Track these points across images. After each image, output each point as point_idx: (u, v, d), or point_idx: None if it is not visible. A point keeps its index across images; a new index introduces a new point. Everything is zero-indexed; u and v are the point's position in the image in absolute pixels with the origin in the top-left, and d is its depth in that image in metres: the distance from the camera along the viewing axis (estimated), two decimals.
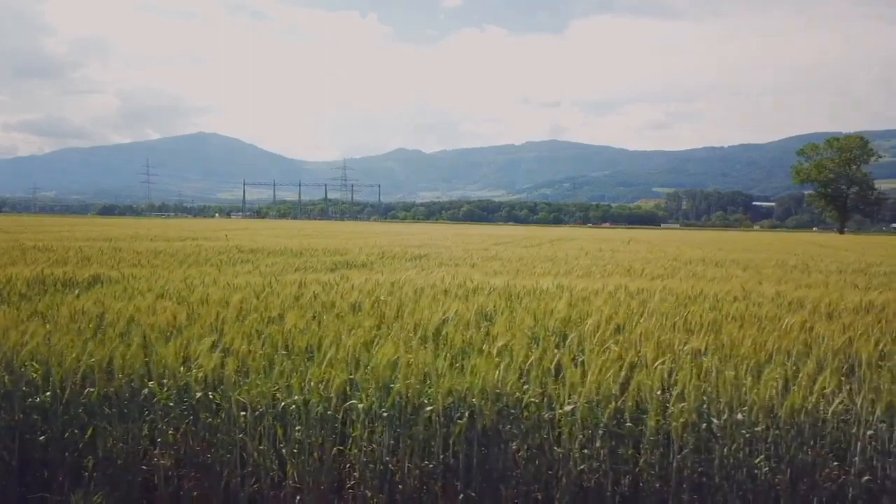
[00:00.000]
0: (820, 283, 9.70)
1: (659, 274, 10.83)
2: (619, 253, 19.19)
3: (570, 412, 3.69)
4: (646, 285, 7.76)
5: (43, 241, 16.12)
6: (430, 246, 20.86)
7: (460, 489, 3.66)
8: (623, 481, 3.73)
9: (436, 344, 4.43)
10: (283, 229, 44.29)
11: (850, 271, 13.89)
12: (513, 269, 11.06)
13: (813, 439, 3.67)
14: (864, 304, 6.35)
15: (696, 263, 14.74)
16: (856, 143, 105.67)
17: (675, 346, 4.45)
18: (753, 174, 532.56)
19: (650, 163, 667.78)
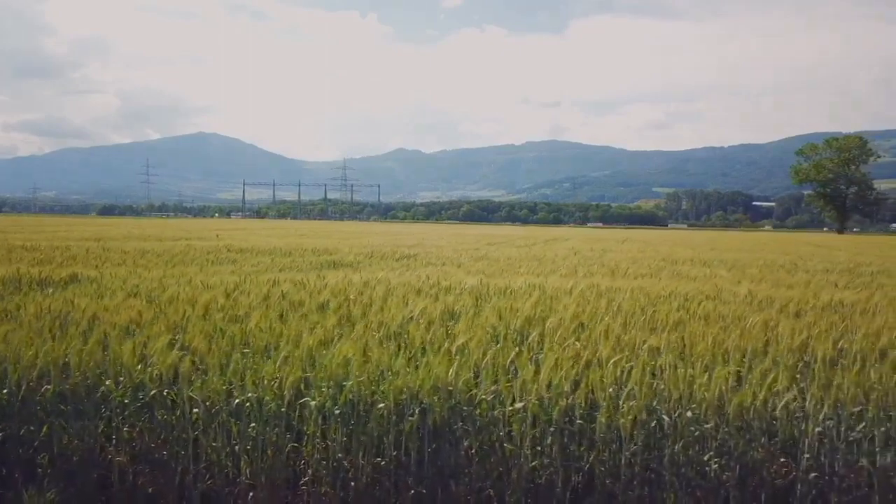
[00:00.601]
0: (801, 282, 9.73)
1: (641, 273, 10.87)
2: (609, 253, 19.23)
3: (522, 409, 3.72)
4: (622, 284, 7.79)
5: (33, 241, 16.16)
6: (423, 246, 20.89)
7: (411, 485, 3.70)
8: (574, 478, 3.76)
9: (396, 342, 4.47)
10: (280, 229, 44.32)
11: (837, 271, 13.92)
12: (497, 269, 11.09)
13: (762, 436, 3.70)
14: (834, 302, 6.38)
15: (684, 263, 14.78)
16: (855, 143, 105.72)
17: (635, 344, 4.48)
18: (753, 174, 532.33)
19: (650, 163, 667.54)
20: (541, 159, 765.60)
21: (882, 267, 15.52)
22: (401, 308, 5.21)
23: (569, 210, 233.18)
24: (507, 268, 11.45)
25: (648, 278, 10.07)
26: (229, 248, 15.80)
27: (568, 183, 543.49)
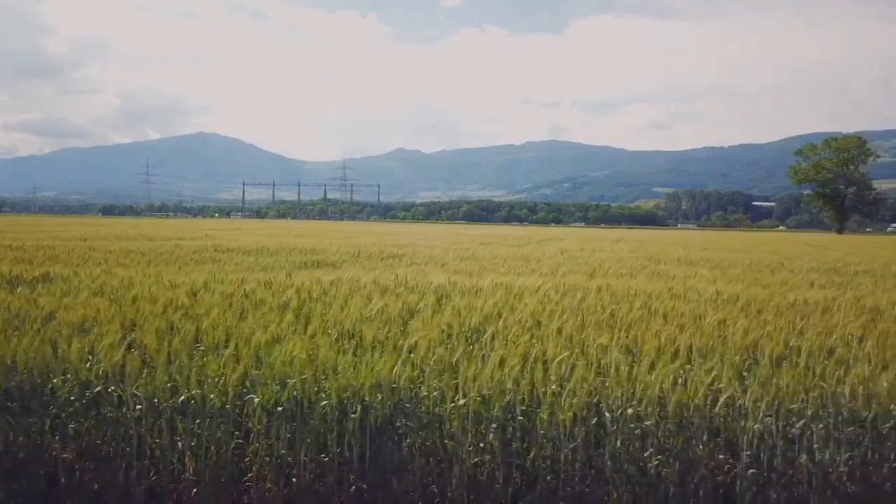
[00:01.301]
0: (778, 281, 9.76)
1: (620, 273, 10.91)
2: (598, 252, 19.26)
3: (464, 406, 3.75)
4: (595, 283, 7.82)
5: (21, 241, 16.19)
6: (413, 246, 20.93)
7: (353, 482, 3.73)
8: (515, 474, 3.79)
9: (348, 341, 4.50)
10: (276, 229, 44.36)
11: (822, 270, 13.96)
12: (477, 268, 11.12)
13: (702, 434, 3.73)
14: (800, 301, 6.41)
15: (668, 263, 14.83)
16: (854, 143, 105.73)
17: (585, 342, 4.51)
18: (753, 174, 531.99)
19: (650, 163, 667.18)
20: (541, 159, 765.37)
21: (868, 267, 15.55)
22: (361, 306, 5.24)
23: (569, 210, 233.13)
24: (488, 267, 11.49)
25: (626, 277, 10.10)
26: (217, 247, 15.84)
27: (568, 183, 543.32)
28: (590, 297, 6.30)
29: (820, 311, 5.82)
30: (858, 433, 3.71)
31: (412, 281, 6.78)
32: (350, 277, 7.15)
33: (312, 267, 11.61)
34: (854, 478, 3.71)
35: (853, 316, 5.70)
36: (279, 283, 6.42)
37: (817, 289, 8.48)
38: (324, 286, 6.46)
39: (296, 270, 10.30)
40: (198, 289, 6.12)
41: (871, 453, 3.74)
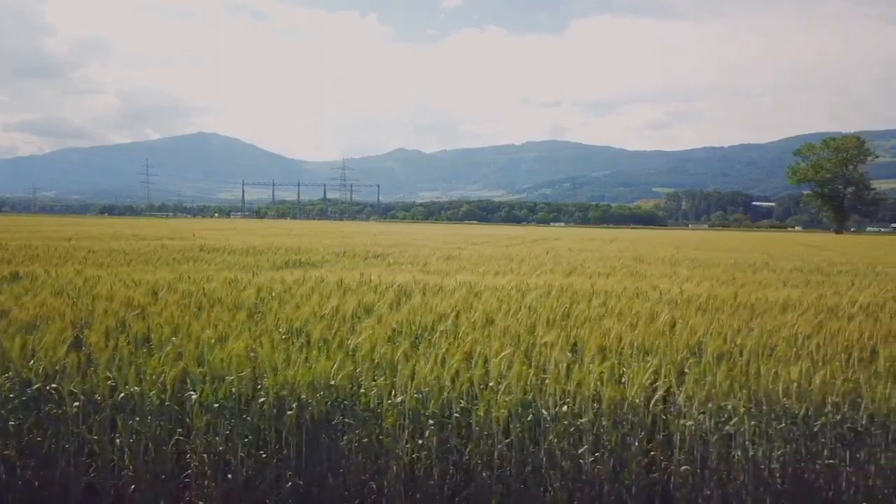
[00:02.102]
0: (752, 281, 9.78)
1: (598, 272, 10.93)
2: (585, 252, 19.29)
3: (401, 403, 3.79)
4: (566, 282, 7.85)
5: (6, 241, 16.23)
6: (401, 246, 20.95)
7: (289, 478, 3.76)
8: (451, 471, 3.82)
9: (297, 338, 4.54)
10: (271, 229, 44.40)
11: (805, 270, 13.98)
12: (455, 268, 11.16)
13: (637, 431, 3.76)
14: (761, 300, 6.43)
15: (653, 263, 14.85)
16: (852, 143, 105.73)
17: (531, 340, 4.54)
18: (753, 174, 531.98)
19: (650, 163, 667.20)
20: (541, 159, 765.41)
21: (853, 267, 15.56)
22: (316, 305, 5.27)
23: (568, 210, 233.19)
24: (466, 267, 11.52)
25: (602, 277, 10.12)
26: (203, 247, 15.87)
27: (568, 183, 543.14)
28: (552, 295, 6.33)
29: (778, 310, 5.85)
30: (790, 430, 3.74)
31: (377, 280, 6.81)
32: (317, 276, 7.18)
33: (292, 266, 11.63)
34: (786, 474, 3.74)
35: (811, 315, 5.73)
36: (243, 281, 6.45)
37: (788, 288, 8.51)
38: (287, 285, 6.49)
39: (274, 270, 10.34)
40: (161, 287, 6.15)
41: (804, 450, 3.77)
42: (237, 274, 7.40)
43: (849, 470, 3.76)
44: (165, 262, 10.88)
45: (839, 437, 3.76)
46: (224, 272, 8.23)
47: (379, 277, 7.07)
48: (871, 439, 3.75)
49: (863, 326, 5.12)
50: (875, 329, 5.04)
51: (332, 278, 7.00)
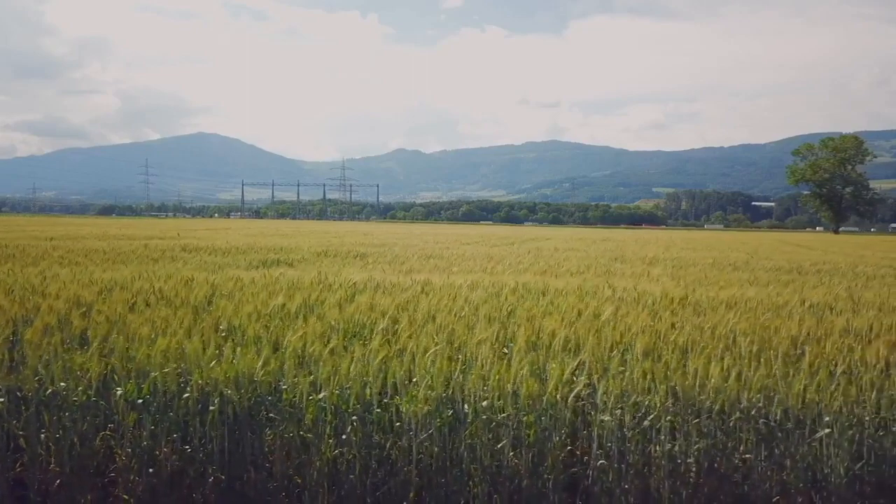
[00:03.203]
0: (721, 280, 9.83)
1: (572, 271, 10.99)
2: (571, 252, 19.34)
3: (323, 399, 3.84)
4: (525, 280, 7.90)
5: None
6: (388, 246, 21.00)
7: (210, 473, 3.81)
8: (373, 465, 3.87)
9: (234, 335, 4.59)
10: (265, 229, 44.44)
11: (783, 269, 14.04)
12: (429, 267, 11.23)
13: (556, 425, 3.81)
14: (711, 298, 6.49)
15: (634, 262, 14.90)
16: (851, 143, 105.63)
17: (466, 337, 4.59)
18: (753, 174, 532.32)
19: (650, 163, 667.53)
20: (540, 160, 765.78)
21: (834, 267, 15.59)
22: (261, 303, 5.33)
23: (568, 210, 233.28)
24: (441, 266, 11.58)
25: (573, 275, 10.17)
26: (185, 247, 15.93)
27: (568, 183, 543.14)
28: (503, 294, 6.38)
29: (724, 308, 5.90)
30: (706, 425, 3.80)
31: (334, 279, 6.87)
32: (277, 275, 7.23)
33: (268, 265, 11.68)
34: (703, 468, 3.79)
35: (755, 313, 5.79)
36: (199, 280, 6.50)
37: (750, 286, 8.56)
38: (243, 283, 6.55)
39: (246, 269, 10.39)
40: (115, 286, 6.20)
41: (720, 444, 3.82)
42: (198, 273, 7.45)
43: (764, 464, 3.81)
44: (139, 262, 10.94)
45: (754, 431, 3.82)
46: (191, 271, 8.28)
47: (336, 276, 7.12)
48: (785, 434, 3.80)
49: (802, 324, 5.18)
50: (813, 327, 5.09)
51: (289, 276, 7.06)
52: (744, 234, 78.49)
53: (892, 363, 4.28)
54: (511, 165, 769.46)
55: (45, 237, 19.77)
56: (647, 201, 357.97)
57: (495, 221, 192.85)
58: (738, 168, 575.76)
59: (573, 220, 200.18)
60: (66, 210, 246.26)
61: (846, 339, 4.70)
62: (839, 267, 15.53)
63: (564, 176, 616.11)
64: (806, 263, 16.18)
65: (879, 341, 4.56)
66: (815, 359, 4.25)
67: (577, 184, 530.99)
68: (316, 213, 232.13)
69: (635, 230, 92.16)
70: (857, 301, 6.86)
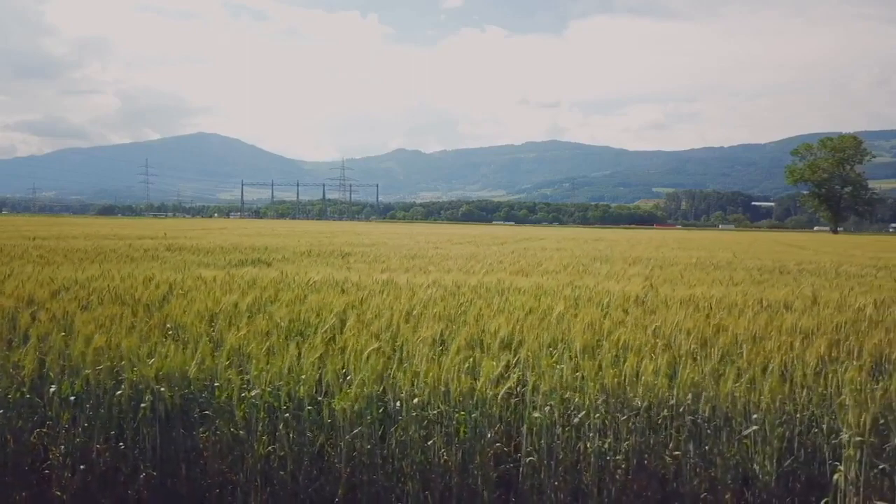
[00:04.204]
0: (691, 279, 9.85)
1: (549, 270, 11.02)
2: (559, 251, 19.36)
3: (255, 397, 3.86)
4: (493, 279, 7.92)
5: None
6: (376, 245, 21.03)
7: (143, 470, 3.84)
8: (305, 462, 3.89)
9: (176, 334, 4.62)
10: (260, 229, 44.47)
11: (764, 269, 14.04)
12: (407, 267, 11.26)
13: (484, 422, 3.83)
14: (669, 297, 6.51)
15: (617, 261, 14.92)
16: (849, 143, 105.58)
17: (407, 335, 4.61)
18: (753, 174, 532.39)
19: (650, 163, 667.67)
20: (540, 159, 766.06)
21: (817, 266, 15.59)
22: (212, 301, 5.35)
23: (568, 210, 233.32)
24: (420, 266, 11.61)
25: (550, 274, 10.20)
26: (169, 247, 15.97)
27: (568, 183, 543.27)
28: (461, 293, 6.40)
29: (678, 307, 5.92)
30: (635, 421, 3.82)
31: (294, 277, 6.89)
32: (244, 274, 7.26)
33: (247, 265, 11.70)
34: (632, 465, 3.82)
35: (713, 312, 5.81)
36: (159, 279, 6.53)
37: (720, 286, 8.59)
38: (205, 281, 6.57)
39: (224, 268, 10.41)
40: (74, 284, 6.23)
41: (649, 441, 3.84)
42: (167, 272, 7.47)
43: (693, 461, 3.84)
44: (117, 261, 10.97)
45: (683, 429, 3.84)
46: (160, 271, 8.30)
47: (299, 275, 7.15)
48: (714, 431, 3.83)
49: (753, 323, 5.20)
50: (762, 326, 5.11)
51: (257, 275, 7.09)
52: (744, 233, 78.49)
53: (828, 360, 4.31)
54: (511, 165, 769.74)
55: (31, 237, 19.80)
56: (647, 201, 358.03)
57: (495, 221, 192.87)
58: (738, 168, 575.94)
59: (573, 220, 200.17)
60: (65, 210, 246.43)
61: (789, 338, 4.71)
62: (823, 266, 15.53)
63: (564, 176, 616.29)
64: (790, 263, 16.19)
65: (821, 339, 4.60)
66: (752, 357, 4.27)
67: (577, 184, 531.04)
68: (316, 213, 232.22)
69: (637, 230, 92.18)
70: (817, 300, 6.88)
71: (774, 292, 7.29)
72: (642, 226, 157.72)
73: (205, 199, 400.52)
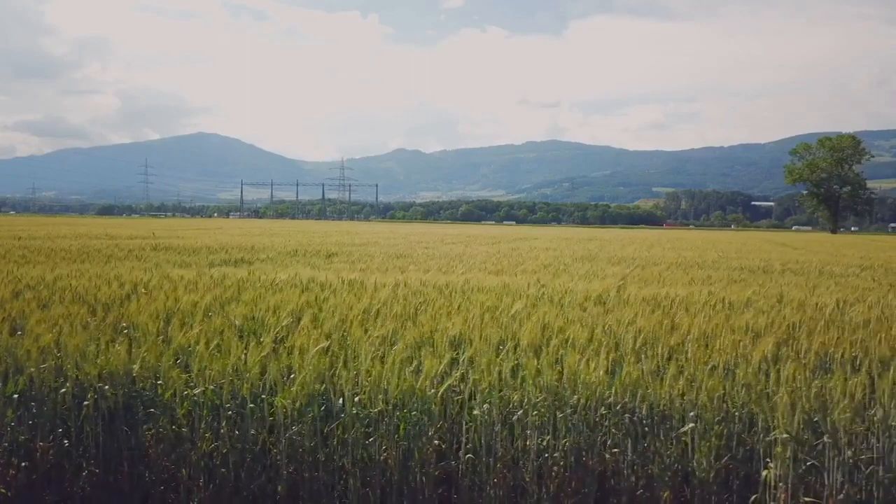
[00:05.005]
0: (666, 279, 9.89)
1: (528, 270, 11.06)
2: (545, 251, 19.39)
3: (199, 395, 3.90)
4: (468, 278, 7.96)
5: None
6: (366, 245, 21.07)
7: (86, 467, 3.88)
8: (247, 459, 3.93)
9: (128, 333, 4.66)
10: (257, 229, 44.52)
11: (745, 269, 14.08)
12: (387, 267, 11.31)
13: (424, 419, 3.86)
14: (628, 297, 6.55)
15: (600, 261, 14.96)
16: (848, 142, 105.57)
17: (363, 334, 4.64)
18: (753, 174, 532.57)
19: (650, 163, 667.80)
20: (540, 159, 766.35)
21: (802, 266, 15.63)
22: (172, 300, 5.39)
23: (568, 210, 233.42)
24: (401, 266, 11.65)
25: (528, 273, 10.24)
26: (155, 247, 16.01)
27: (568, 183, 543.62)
28: (425, 292, 6.44)
29: (640, 305, 5.96)
30: (572, 420, 3.85)
31: (262, 277, 6.94)
32: (212, 273, 7.30)
33: (230, 264, 11.75)
34: (570, 463, 3.85)
35: (672, 311, 5.84)
36: (124, 278, 6.58)
37: (692, 285, 8.63)
38: (173, 281, 6.61)
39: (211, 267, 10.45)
40: (37, 284, 6.27)
41: (587, 439, 3.88)
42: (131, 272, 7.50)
43: (630, 458, 3.87)
44: (98, 260, 11.00)
45: (620, 426, 3.87)
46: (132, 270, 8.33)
47: (264, 274, 7.19)
48: (651, 429, 3.86)
49: (708, 322, 5.23)
50: (715, 325, 5.15)
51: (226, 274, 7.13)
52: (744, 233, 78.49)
53: (772, 359, 4.34)
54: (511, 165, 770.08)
55: (18, 236, 19.84)
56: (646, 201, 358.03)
57: (495, 221, 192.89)
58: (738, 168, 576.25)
59: (572, 220, 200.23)
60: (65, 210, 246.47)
61: (739, 337, 4.75)
62: (808, 266, 15.57)
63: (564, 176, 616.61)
64: (776, 263, 16.23)
65: (770, 338, 4.64)
66: (697, 355, 4.31)
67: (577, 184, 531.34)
68: (315, 213, 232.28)
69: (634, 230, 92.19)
70: (782, 299, 6.92)
71: (742, 292, 7.32)
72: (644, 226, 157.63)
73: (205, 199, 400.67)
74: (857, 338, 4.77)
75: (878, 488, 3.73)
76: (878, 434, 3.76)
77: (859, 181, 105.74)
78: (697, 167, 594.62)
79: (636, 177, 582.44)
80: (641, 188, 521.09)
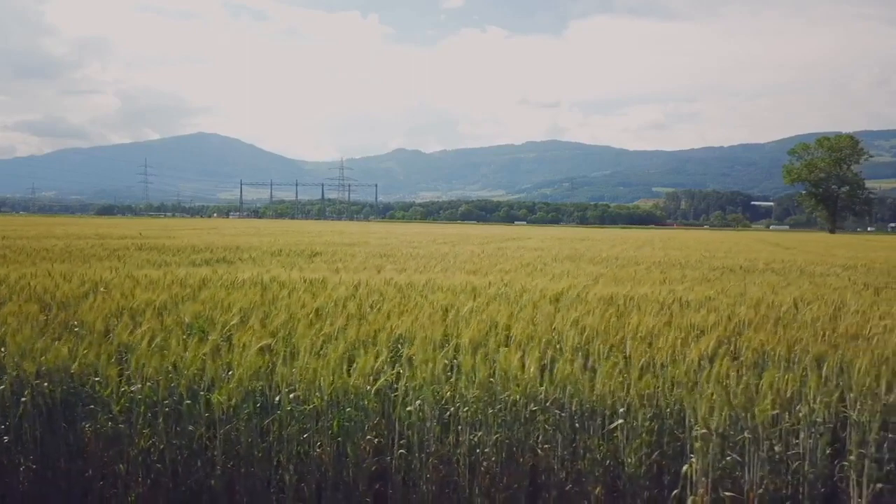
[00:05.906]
0: (639, 278, 9.94)
1: (505, 269, 11.10)
2: (531, 251, 19.44)
3: (137, 391, 3.96)
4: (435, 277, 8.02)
5: None
6: (354, 245, 21.12)
7: (23, 463, 3.93)
8: (184, 454, 3.98)
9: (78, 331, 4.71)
10: (252, 229, 44.57)
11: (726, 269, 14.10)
12: (365, 266, 11.35)
13: (359, 416, 3.92)
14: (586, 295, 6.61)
15: (582, 261, 15.01)
16: (846, 142, 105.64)
17: (307, 333, 4.70)
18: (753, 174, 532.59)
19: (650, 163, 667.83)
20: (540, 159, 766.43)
21: (786, 266, 15.65)
22: (126, 300, 5.45)
23: (567, 210, 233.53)
24: (380, 265, 11.71)
25: (502, 273, 10.27)
26: (140, 246, 16.07)
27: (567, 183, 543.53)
28: (384, 291, 6.50)
29: (595, 303, 6.02)
30: (503, 416, 3.91)
31: (224, 276, 7.00)
32: (177, 272, 7.36)
33: (211, 263, 11.79)
34: (501, 458, 3.91)
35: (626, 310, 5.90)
36: (88, 276, 6.64)
37: (659, 285, 8.67)
38: (136, 280, 6.67)
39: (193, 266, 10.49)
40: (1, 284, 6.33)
41: (518, 435, 3.93)
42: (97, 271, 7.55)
43: (560, 454, 3.93)
44: (75, 260, 11.06)
45: (551, 423, 3.93)
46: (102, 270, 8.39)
47: (227, 273, 7.25)
48: (581, 425, 3.92)
49: (658, 319, 5.28)
50: (661, 323, 5.20)
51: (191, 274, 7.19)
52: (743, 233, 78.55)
53: (709, 356, 4.39)
54: (511, 165, 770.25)
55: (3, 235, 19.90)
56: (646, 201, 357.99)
57: (494, 221, 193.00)
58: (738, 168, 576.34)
59: (572, 220, 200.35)
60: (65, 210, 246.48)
61: (682, 334, 4.80)
62: (792, 266, 15.61)
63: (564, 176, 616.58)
64: (760, 263, 16.27)
65: (712, 336, 4.69)
66: (636, 353, 4.36)
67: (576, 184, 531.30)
68: (315, 213, 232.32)
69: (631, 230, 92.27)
70: (741, 297, 6.97)
71: (706, 291, 7.38)
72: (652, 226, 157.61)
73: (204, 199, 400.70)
74: (799, 336, 4.82)
75: (804, 483, 3.79)
76: (804, 430, 3.82)
77: (858, 181, 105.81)
78: (697, 167, 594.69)
79: (636, 177, 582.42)
80: (641, 188, 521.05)
